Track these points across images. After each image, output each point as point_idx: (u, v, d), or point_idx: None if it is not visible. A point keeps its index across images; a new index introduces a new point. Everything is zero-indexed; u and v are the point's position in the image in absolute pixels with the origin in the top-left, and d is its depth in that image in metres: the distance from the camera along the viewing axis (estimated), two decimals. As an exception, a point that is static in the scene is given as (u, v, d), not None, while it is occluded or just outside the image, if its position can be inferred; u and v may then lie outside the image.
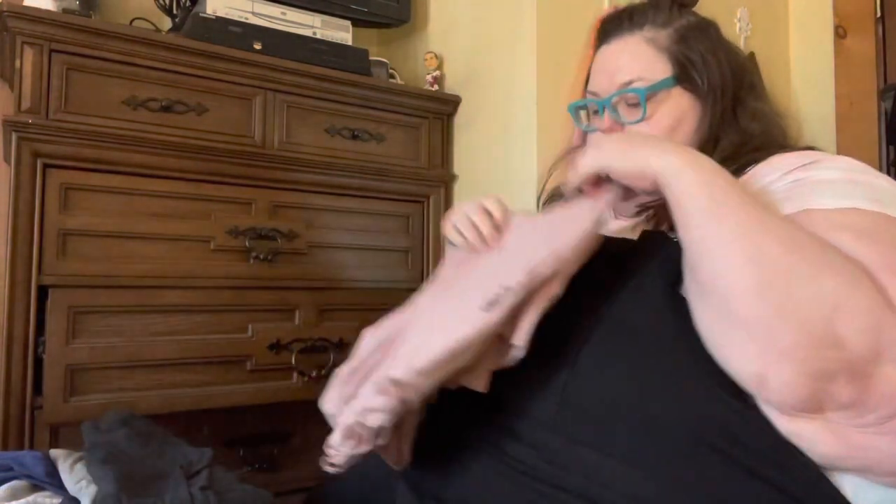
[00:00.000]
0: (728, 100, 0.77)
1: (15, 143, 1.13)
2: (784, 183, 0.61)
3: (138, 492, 0.69)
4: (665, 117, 0.76)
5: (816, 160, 0.63)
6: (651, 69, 0.77)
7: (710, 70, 0.76)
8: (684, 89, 0.77)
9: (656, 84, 0.76)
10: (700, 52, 0.77)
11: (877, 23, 1.77)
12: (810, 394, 0.48)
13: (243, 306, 1.30)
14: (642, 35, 0.79)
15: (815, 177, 0.60)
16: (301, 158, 1.40)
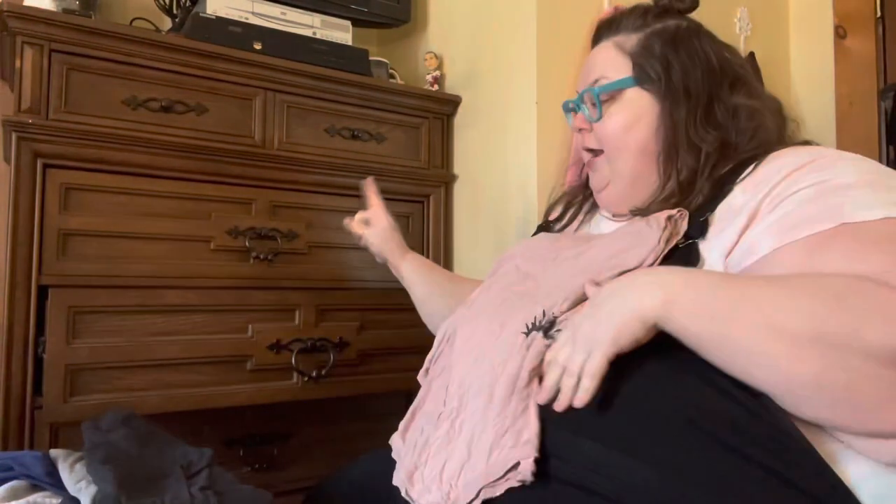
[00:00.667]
0: (699, 99, 0.77)
1: (15, 143, 1.13)
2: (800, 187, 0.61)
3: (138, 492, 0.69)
4: (618, 115, 0.79)
5: (816, 159, 0.63)
6: (613, 70, 0.81)
7: (671, 71, 0.78)
8: (644, 90, 0.79)
9: (611, 83, 0.80)
10: (662, 54, 0.79)
11: (877, 23, 1.77)
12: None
13: (243, 306, 1.30)
14: (614, 40, 0.83)
15: (834, 180, 0.60)
16: (301, 158, 1.40)
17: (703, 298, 0.54)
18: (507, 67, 1.48)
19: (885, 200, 0.56)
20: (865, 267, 0.53)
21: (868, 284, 0.51)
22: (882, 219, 0.55)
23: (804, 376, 0.50)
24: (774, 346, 0.51)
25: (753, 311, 0.52)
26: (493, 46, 1.55)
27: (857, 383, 0.48)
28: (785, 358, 0.50)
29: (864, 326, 0.48)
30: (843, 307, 0.49)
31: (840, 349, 0.49)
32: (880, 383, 0.48)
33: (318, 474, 1.33)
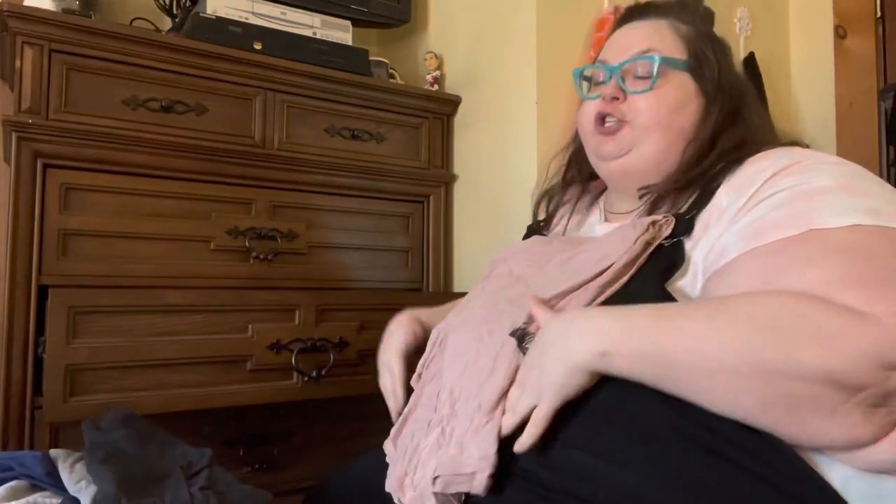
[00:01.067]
0: (731, 105, 0.78)
1: (15, 143, 1.13)
2: (775, 191, 0.61)
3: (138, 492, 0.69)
4: (672, 95, 0.77)
5: (798, 161, 0.63)
6: (669, 47, 0.79)
7: (721, 72, 0.79)
8: (693, 79, 0.79)
9: (671, 59, 0.78)
10: (715, 55, 0.80)
11: (877, 23, 1.77)
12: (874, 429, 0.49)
13: (243, 306, 1.30)
14: (667, 21, 0.82)
15: (807, 185, 0.59)
16: (301, 158, 1.40)
17: (641, 345, 0.55)
18: (507, 67, 1.48)
19: (860, 207, 0.56)
20: (817, 274, 0.52)
21: (805, 305, 0.51)
22: (850, 226, 0.54)
23: (747, 406, 0.51)
24: (714, 382, 0.52)
25: (690, 351, 0.53)
26: (493, 46, 1.55)
27: (799, 406, 0.49)
28: (727, 391, 0.52)
29: (799, 351, 0.49)
30: (778, 334, 0.50)
31: (777, 376, 0.49)
32: (821, 402, 0.49)
33: (318, 474, 1.33)
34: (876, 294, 0.49)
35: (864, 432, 0.49)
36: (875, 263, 0.52)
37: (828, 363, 0.48)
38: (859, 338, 0.48)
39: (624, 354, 0.55)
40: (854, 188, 0.58)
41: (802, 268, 0.54)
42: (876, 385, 0.47)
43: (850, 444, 0.50)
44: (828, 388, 0.48)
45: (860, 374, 0.47)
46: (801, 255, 0.55)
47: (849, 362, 0.47)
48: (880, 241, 0.53)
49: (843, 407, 0.48)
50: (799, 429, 0.50)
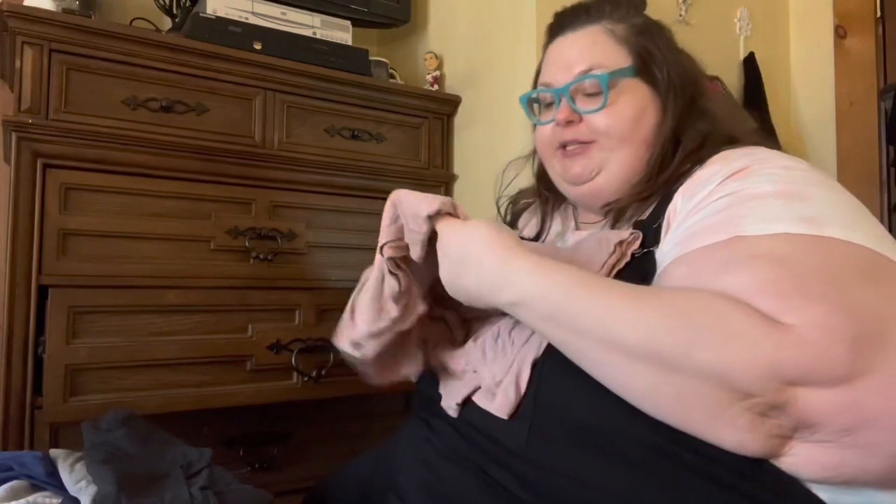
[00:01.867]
0: (685, 98, 0.76)
1: (15, 143, 1.13)
2: (718, 196, 0.60)
3: (138, 492, 0.69)
4: (627, 107, 0.75)
5: (748, 165, 0.61)
6: (611, 58, 0.76)
7: (669, 66, 0.76)
8: (643, 81, 0.76)
9: (617, 70, 0.75)
10: (659, 47, 0.77)
11: (877, 23, 1.77)
12: (762, 439, 0.48)
13: (243, 306, 1.30)
14: (601, 26, 0.78)
15: (747, 191, 0.58)
16: (301, 158, 1.40)
17: (549, 305, 0.55)
18: (507, 67, 1.48)
19: (794, 215, 0.53)
20: (733, 280, 0.51)
21: (722, 304, 0.49)
22: (777, 234, 0.52)
23: (638, 390, 0.51)
24: (610, 357, 0.52)
25: (595, 322, 0.52)
26: (493, 46, 1.54)
27: (687, 400, 0.49)
28: (620, 370, 0.52)
29: (698, 346, 0.48)
30: (684, 325, 0.49)
31: (671, 366, 0.49)
32: (709, 401, 0.48)
33: (318, 474, 1.33)
34: (789, 304, 0.47)
35: (750, 439, 0.48)
36: (794, 272, 0.49)
37: (721, 363, 0.47)
38: (760, 345, 0.46)
39: (535, 311, 0.56)
40: (795, 194, 0.56)
41: (720, 273, 0.52)
42: (765, 395, 0.46)
43: (737, 449, 0.48)
44: (717, 389, 0.47)
45: (751, 381, 0.46)
46: (721, 261, 0.53)
47: (743, 367, 0.46)
48: (806, 249, 0.51)
49: (730, 409, 0.47)
50: (686, 424, 0.50)
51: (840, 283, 0.48)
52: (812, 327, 0.46)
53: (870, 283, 0.48)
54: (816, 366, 0.45)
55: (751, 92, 1.76)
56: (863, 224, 0.54)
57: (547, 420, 0.58)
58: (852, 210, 0.56)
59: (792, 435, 0.48)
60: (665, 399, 0.50)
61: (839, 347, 0.45)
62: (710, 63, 1.67)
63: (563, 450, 0.56)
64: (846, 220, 0.53)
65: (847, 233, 0.52)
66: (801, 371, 0.45)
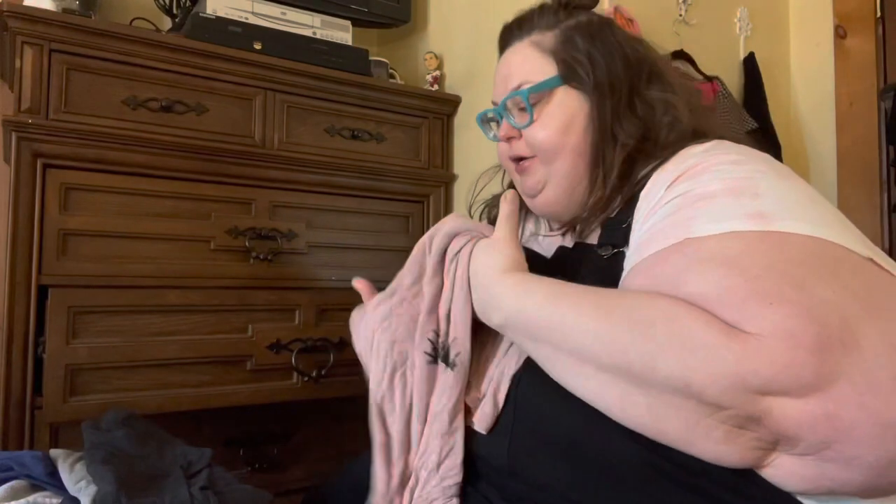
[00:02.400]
0: (621, 94, 0.74)
1: (15, 143, 1.13)
2: (669, 198, 0.59)
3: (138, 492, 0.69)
4: (552, 118, 0.76)
5: (697, 164, 0.60)
6: (536, 71, 0.77)
7: (596, 66, 0.75)
8: (571, 87, 0.76)
9: (538, 84, 0.76)
10: (585, 50, 0.76)
11: (877, 23, 1.77)
12: (741, 452, 0.47)
13: (243, 306, 1.30)
14: (529, 39, 0.80)
15: (697, 191, 0.57)
16: (301, 158, 1.40)
17: (526, 322, 0.57)
18: (507, 67, 1.48)
19: (740, 211, 0.52)
20: (689, 292, 0.49)
21: (682, 311, 0.48)
22: (725, 233, 0.51)
23: (609, 401, 0.51)
24: (582, 371, 0.52)
25: (566, 336, 0.53)
26: (493, 46, 1.54)
27: (659, 412, 0.48)
28: (592, 382, 0.52)
29: (660, 358, 0.47)
30: (647, 336, 0.48)
31: (639, 378, 0.48)
32: (681, 413, 0.47)
33: (318, 474, 1.33)
34: (747, 312, 0.46)
35: (727, 451, 0.47)
36: (748, 275, 0.47)
37: (685, 376, 0.46)
38: (721, 357, 0.45)
39: (518, 331, 0.58)
40: (743, 190, 0.54)
41: (677, 285, 0.51)
42: (736, 407, 0.45)
43: (717, 461, 0.48)
44: (687, 401, 0.46)
45: (717, 394, 0.45)
46: (675, 269, 0.52)
47: (706, 380, 0.45)
48: (757, 247, 0.49)
49: (704, 421, 0.46)
50: (663, 436, 0.49)
51: (796, 280, 0.46)
52: (772, 335, 0.44)
53: (827, 278, 0.46)
54: (780, 375, 0.43)
55: (751, 92, 1.76)
56: (816, 214, 0.52)
57: (526, 434, 0.58)
58: (805, 200, 0.54)
59: (774, 447, 0.46)
60: (638, 411, 0.49)
61: (802, 354, 0.43)
62: (710, 63, 1.69)
63: (543, 464, 0.56)
64: (798, 212, 0.52)
65: (799, 225, 0.50)
66: (765, 381, 0.44)
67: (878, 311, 0.45)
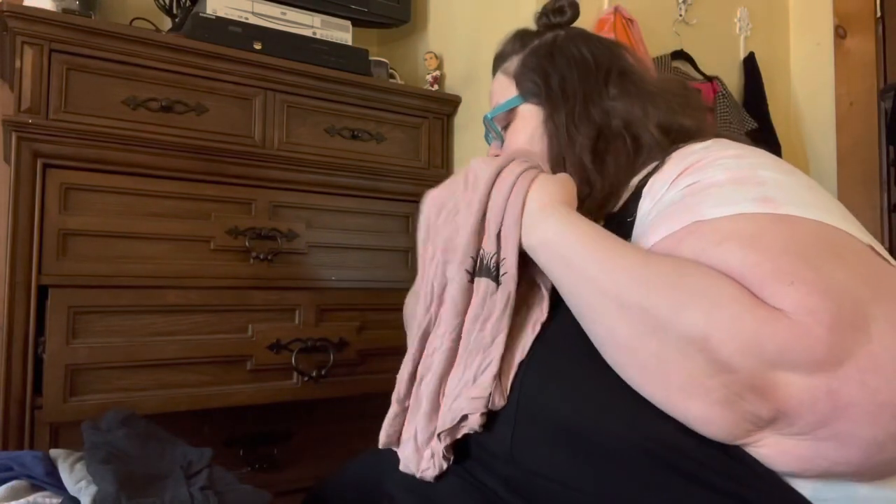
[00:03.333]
0: (575, 100, 0.77)
1: (15, 143, 1.13)
2: (676, 191, 0.61)
3: (138, 492, 0.70)
4: (517, 134, 0.82)
5: (700, 160, 0.62)
6: (502, 94, 0.85)
7: (549, 79, 0.80)
8: (531, 104, 0.81)
9: (499, 106, 0.84)
10: (539, 65, 0.81)
11: (877, 23, 1.77)
12: (733, 420, 0.47)
13: (243, 306, 1.30)
14: (502, 68, 0.88)
15: (704, 181, 0.58)
16: (301, 158, 1.40)
17: (564, 249, 0.58)
18: (507, 67, 1.48)
19: (747, 196, 0.53)
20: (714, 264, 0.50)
21: (721, 275, 0.49)
22: (733, 215, 0.52)
23: (621, 336, 0.52)
24: (603, 303, 0.53)
25: (599, 270, 0.54)
26: (493, 46, 1.54)
27: (668, 358, 0.49)
28: (610, 315, 0.53)
29: (688, 308, 0.48)
30: (678, 284, 0.50)
31: (658, 321, 0.49)
32: (688, 364, 0.48)
33: (318, 474, 1.33)
34: (770, 289, 0.47)
35: (720, 415, 0.47)
36: (767, 253, 0.49)
37: (706, 329, 0.47)
38: (745, 318, 0.46)
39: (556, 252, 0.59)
40: (747, 179, 0.56)
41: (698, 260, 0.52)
42: (743, 371, 0.46)
43: (704, 423, 0.48)
44: (699, 356, 0.47)
45: (730, 353, 0.46)
46: (693, 248, 0.53)
47: (724, 336, 0.46)
48: (770, 228, 0.51)
49: (708, 381, 0.47)
50: (660, 386, 0.50)
51: (811, 261, 0.47)
52: (794, 311, 0.45)
53: (837, 261, 0.48)
54: (797, 347, 0.44)
55: (751, 92, 1.76)
56: (819, 202, 0.54)
57: (528, 423, 0.58)
58: (807, 190, 0.56)
59: (766, 426, 0.47)
60: (645, 355, 0.50)
61: (820, 330, 0.44)
62: (710, 63, 1.69)
63: (546, 452, 0.56)
64: (802, 200, 0.53)
65: (806, 210, 0.51)
66: (780, 350, 0.45)
67: (885, 295, 0.46)
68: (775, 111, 1.76)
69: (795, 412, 0.45)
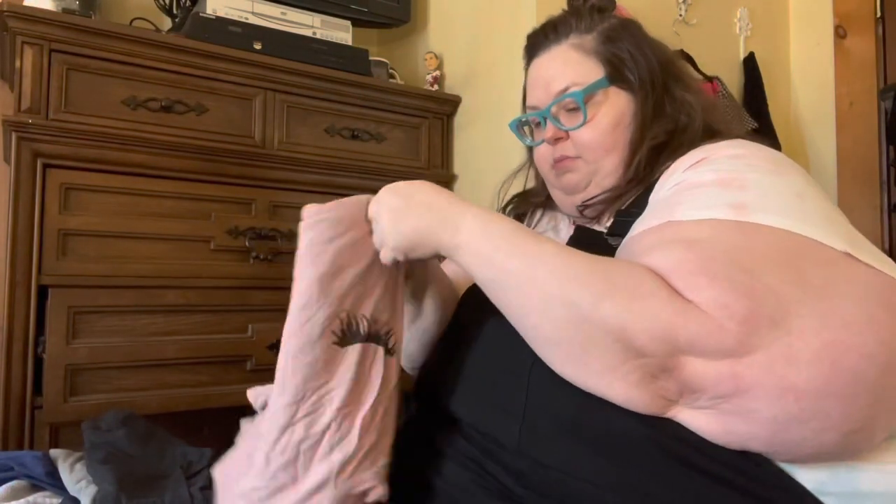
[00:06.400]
0: (659, 91, 0.78)
1: (15, 143, 1.13)
2: (670, 186, 0.63)
3: (138, 492, 0.70)
4: (605, 117, 0.78)
5: (703, 158, 0.64)
6: (584, 73, 0.79)
7: (639, 65, 0.78)
8: (619, 88, 0.79)
9: (591, 85, 0.78)
10: (627, 50, 0.79)
11: (877, 23, 1.77)
12: (649, 398, 0.51)
13: (243, 306, 1.30)
14: (569, 43, 0.81)
15: (692, 179, 0.61)
16: (301, 158, 1.40)
17: (486, 247, 0.59)
18: (507, 67, 1.48)
19: (726, 201, 0.55)
20: (650, 261, 0.54)
21: (641, 270, 0.53)
22: (704, 220, 0.55)
23: (547, 331, 0.54)
24: (528, 297, 0.55)
25: (522, 264, 0.56)
26: (493, 46, 1.55)
27: (588, 348, 0.52)
28: (535, 310, 0.54)
29: (608, 299, 0.51)
30: (601, 279, 0.52)
31: (581, 312, 0.52)
32: (607, 353, 0.51)
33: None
34: (692, 283, 0.50)
35: (638, 396, 0.51)
36: (704, 255, 0.52)
37: (624, 319, 0.50)
38: (662, 309, 0.49)
39: (470, 251, 0.59)
40: (733, 182, 0.58)
41: (643, 255, 0.55)
42: (656, 356, 0.49)
43: (626, 403, 0.52)
44: (617, 344, 0.50)
45: (646, 341, 0.49)
46: (649, 244, 0.56)
47: (641, 325, 0.49)
48: (730, 234, 0.53)
49: (624, 366, 0.50)
50: (582, 373, 0.53)
51: (747, 265, 0.50)
52: (708, 303, 0.48)
53: (782, 268, 0.50)
54: (706, 337, 0.48)
55: (751, 92, 1.76)
56: (797, 209, 0.55)
57: (538, 417, 0.58)
58: (790, 194, 0.57)
59: (677, 399, 0.51)
60: (569, 345, 0.53)
61: (730, 323, 0.47)
62: (710, 63, 1.69)
63: (554, 444, 0.57)
64: (780, 207, 0.55)
65: (776, 219, 0.53)
66: (690, 340, 0.48)
67: (829, 296, 0.48)
68: (775, 111, 1.76)
69: (700, 387, 0.49)
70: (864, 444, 0.50)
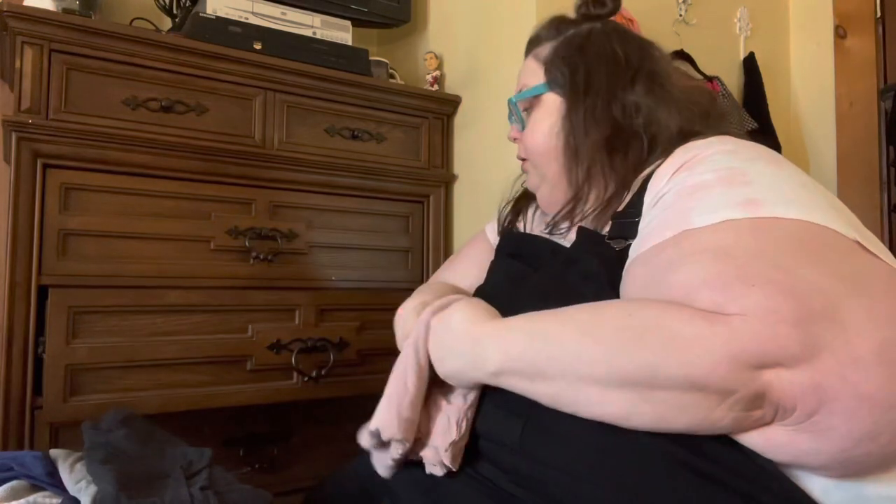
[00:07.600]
0: (597, 97, 0.77)
1: (15, 143, 1.13)
2: (668, 190, 0.62)
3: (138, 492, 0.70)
4: (540, 123, 0.82)
5: (696, 155, 0.63)
6: (531, 78, 0.84)
7: (576, 72, 0.79)
8: (557, 94, 0.81)
9: (526, 91, 0.83)
10: (570, 57, 0.81)
11: (877, 23, 1.77)
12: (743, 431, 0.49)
13: (243, 306, 1.30)
14: (535, 52, 0.86)
15: (691, 181, 0.60)
16: (301, 158, 1.40)
17: (520, 364, 0.56)
18: (507, 67, 1.48)
19: (735, 199, 0.54)
20: (680, 278, 0.52)
21: (663, 313, 0.50)
22: (719, 222, 0.53)
23: (615, 416, 0.52)
24: (585, 394, 0.52)
25: (563, 366, 0.53)
26: (493, 46, 1.55)
27: (666, 413, 0.49)
28: (596, 403, 0.52)
29: (662, 363, 0.48)
30: (641, 346, 0.50)
31: (642, 387, 0.49)
32: (690, 408, 0.48)
33: (318, 474, 1.33)
34: (731, 294, 0.48)
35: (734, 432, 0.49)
36: (736, 262, 0.50)
37: (687, 371, 0.47)
38: (712, 342, 0.47)
39: (511, 375, 0.57)
40: (735, 178, 0.57)
41: (669, 272, 0.53)
42: (742, 387, 0.46)
43: None
44: (694, 394, 0.48)
45: (721, 378, 0.46)
46: (670, 259, 0.55)
47: (706, 367, 0.46)
48: (748, 235, 0.52)
49: (712, 415, 0.48)
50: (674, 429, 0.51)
51: (780, 262, 0.49)
52: (754, 313, 0.46)
53: (813, 260, 0.49)
54: (768, 347, 0.45)
55: (751, 92, 1.76)
56: (806, 198, 0.54)
57: (542, 415, 0.58)
58: (794, 184, 0.56)
59: (772, 421, 0.48)
60: (642, 418, 0.50)
61: (784, 328, 0.45)
62: (710, 63, 1.69)
63: (558, 445, 0.57)
64: (788, 197, 0.54)
65: (790, 209, 0.52)
66: (756, 355, 0.45)
67: (864, 290, 0.47)
68: (775, 111, 1.76)
69: (792, 405, 0.46)
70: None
